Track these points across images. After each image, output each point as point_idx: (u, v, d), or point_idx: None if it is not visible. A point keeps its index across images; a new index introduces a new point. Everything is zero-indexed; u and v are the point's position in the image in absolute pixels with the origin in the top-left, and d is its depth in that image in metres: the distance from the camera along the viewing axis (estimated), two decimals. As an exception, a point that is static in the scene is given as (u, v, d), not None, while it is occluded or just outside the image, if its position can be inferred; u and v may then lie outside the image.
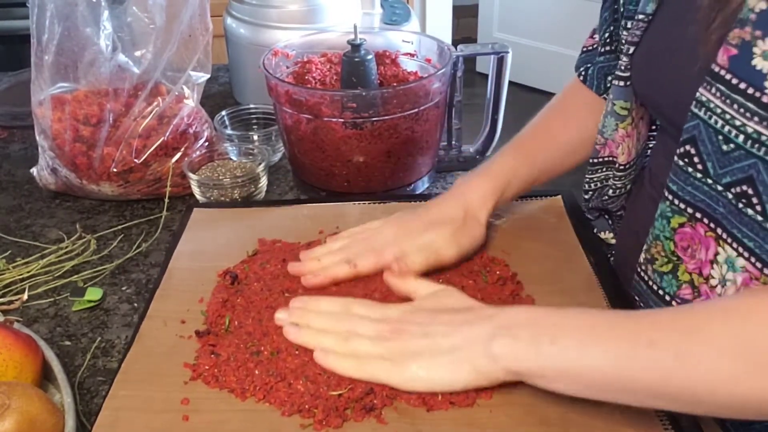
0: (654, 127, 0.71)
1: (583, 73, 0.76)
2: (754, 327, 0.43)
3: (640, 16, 0.61)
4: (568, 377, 0.47)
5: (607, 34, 0.72)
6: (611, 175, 0.72)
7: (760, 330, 0.42)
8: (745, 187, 0.49)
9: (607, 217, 0.78)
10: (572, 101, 0.78)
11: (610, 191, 0.72)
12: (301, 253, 0.67)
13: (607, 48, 0.73)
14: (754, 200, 0.48)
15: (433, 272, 0.65)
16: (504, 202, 0.71)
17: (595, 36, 0.76)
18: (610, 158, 0.71)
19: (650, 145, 0.72)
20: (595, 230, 0.78)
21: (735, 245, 0.51)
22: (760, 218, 0.48)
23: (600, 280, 0.65)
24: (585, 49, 0.78)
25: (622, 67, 0.64)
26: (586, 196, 0.76)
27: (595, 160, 0.73)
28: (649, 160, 0.72)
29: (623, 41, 0.65)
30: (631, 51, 0.63)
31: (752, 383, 0.42)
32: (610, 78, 0.73)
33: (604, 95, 0.74)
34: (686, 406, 0.45)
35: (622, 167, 0.69)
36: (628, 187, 0.72)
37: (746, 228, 0.49)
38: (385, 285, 0.64)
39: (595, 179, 0.74)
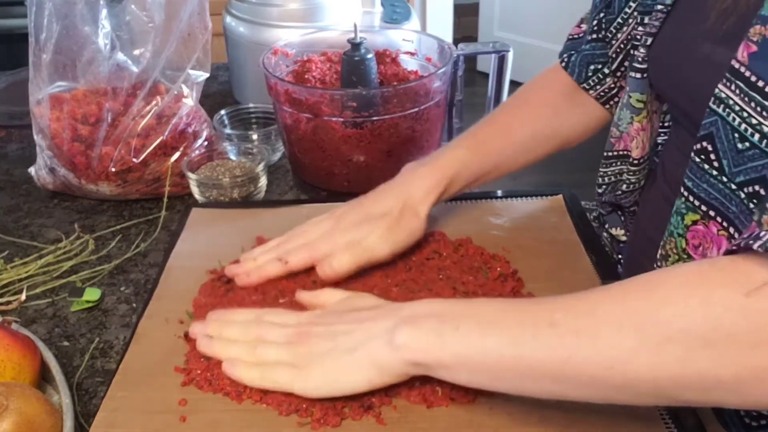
0: (666, 123, 0.71)
1: (566, 59, 0.75)
2: (652, 303, 0.42)
3: (659, 6, 0.60)
4: (471, 365, 0.46)
5: (595, 22, 0.71)
6: (625, 170, 0.71)
7: (656, 306, 0.41)
8: (757, 187, 0.48)
9: (619, 213, 0.77)
10: (542, 91, 0.77)
11: (624, 186, 0.72)
12: (242, 255, 0.67)
13: (594, 36, 0.72)
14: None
15: (433, 269, 0.65)
16: (450, 194, 0.70)
17: (582, 25, 0.76)
18: (625, 152, 0.70)
19: (659, 140, 0.72)
20: (606, 225, 0.78)
21: None
22: None
23: (601, 279, 0.64)
24: (571, 36, 0.77)
25: (639, 59, 0.63)
26: (600, 190, 0.75)
27: (610, 154, 0.72)
28: (661, 154, 0.71)
29: (638, 36, 0.64)
30: (649, 42, 0.62)
31: (647, 358, 0.41)
32: (592, 67, 0.73)
33: (584, 84, 0.74)
34: (585, 390, 0.44)
35: (636, 161, 0.69)
36: (642, 182, 0.71)
37: None
38: (384, 281, 0.64)
39: (609, 173, 0.73)
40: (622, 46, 0.70)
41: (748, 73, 0.47)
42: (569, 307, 0.45)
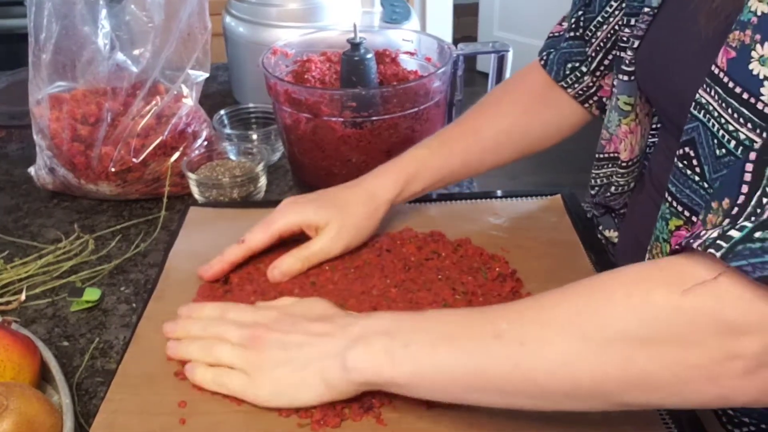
0: (655, 125, 0.71)
1: (545, 57, 0.75)
2: (594, 305, 0.42)
3: (646, 9, 0.61)
4: (422, 382, 0.47)
5: (573, 20, 0.72)
6: (615, 172, 0.71)
7: (598, 308, 0.42)
8: None
9: (612, 215, 0.78)
10: (513, 92, 0.77)
11: (613, 188, 0.72)
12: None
13: (572, 34, 0.72)
14: None
15: (433, 269, 0.65)
16: (412, 193, 0.70)
17: (563, 23, 0.76)
18: (615, 154, 0.70)
19: (650, 143, 0.72)
20: (600, 227, 0.78)
21: None
22: None
23: (601, 280, 0.64)
24: (551, 34, 0.77)
25: (627, 61, 0.63)
26: (593, 192, 0.75)
27: (601, 156, 0.72)
28: (650, 158, 0.71)
29: (625, 38, 0.64)
30: (636, 45, 0.62)
31: (589, 361, 0.41)
32: (569, 65, 0.73)
33: (562, 83, 0.74)
34: (533, 399, 0.44)
35: (624, 164, 0.69)
36: (632, 184, 0.71)
37: None
38: (383, 282, 0.64)
39: (600, 175, 0.73)
40: (601, 44, 0.69)
41: (726, 79, 0.47)
42: (515, 316, 0.45)
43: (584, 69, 0.72)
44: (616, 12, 0.67)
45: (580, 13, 0.71)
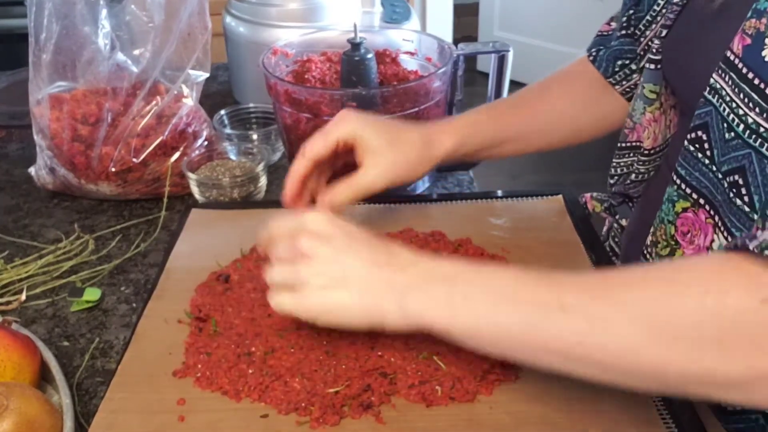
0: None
1: (594, 53, 0.76)
2: (666, 297, 0.42)
3: (675, 0, 0.62)
4: (478, 336, 0.47)
5: (624, 18, 0.73)
6: (636, 160, 0.72)
7: (670, 300, 0.41)
8: (737, 177, 0.49)
9: (630, 203, 0.78)
10: (567, 83, 0.78)
11: (633, 176, 0.72)
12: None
13: (623, 32, 0.73)
14: (743, 191, 0.49)
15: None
16: (463, 154, 0.70)
17: (612, 23, 0.77)
18: (638, 143, 0.71)
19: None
20: (617, 216, 0.79)
21: (725, 234, 0.52)
22: (747, 209, 0.49)
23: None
24: (600, 33, 0.78)
25: (654, 50, 0.64)
26: (611, 181, 0.76)
27: (623, 145, 0.72)
28: (670, 144, 0.72)
29: (655, 27, 0.65)
30: (663, 34, 0.63)
31: (656, 352, 0.41)
32: (619, 62, 0.74)
33: (610, 79, 0.74)
34: (592, 371, 0.44)
35: (647, 152, 0.69)
36: (652, 173, 0.72)
37: (735, 218, 0.50)
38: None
39: (621, 164, 0.73)
40: (650, 42, 0.70)
41: (741, 65, 0.48)
42: (582, 290, 0.44)
43: (634, 66, 0.73)
44: (664, 10, 0.68)
45: (630, 12, 0.72)
